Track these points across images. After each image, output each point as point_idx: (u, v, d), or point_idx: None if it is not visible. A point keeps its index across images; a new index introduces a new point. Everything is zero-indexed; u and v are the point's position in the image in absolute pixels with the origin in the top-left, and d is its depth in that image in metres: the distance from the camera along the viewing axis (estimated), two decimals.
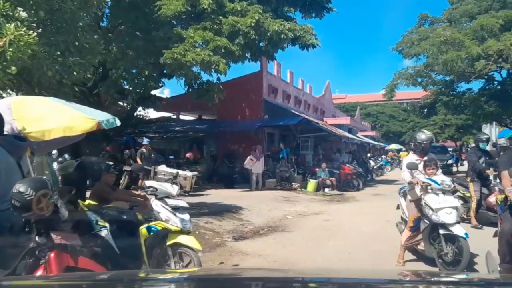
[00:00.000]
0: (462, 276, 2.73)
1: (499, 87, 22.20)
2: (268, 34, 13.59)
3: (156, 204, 4.76)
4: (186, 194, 13.35)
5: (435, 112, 30.11)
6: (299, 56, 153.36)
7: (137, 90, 16.09)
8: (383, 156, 35.84)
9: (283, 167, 16.79)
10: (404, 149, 47.77)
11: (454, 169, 27.46)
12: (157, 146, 21.86)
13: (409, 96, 51.88)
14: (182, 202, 4.93)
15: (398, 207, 6.86)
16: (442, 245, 5.29)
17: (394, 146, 50.48)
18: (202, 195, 13.63)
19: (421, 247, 5.88)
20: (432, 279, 2.04)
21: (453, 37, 15.99)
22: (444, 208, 5.30)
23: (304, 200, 13.39)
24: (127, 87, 16.36)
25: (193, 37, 13.43)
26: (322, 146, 30.76)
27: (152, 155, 15.18)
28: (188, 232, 4.75)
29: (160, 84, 18.87)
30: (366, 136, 44.18)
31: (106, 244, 4.86)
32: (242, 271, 3.09)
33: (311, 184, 16.08)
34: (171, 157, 16.90)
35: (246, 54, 17.91)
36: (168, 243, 4.61)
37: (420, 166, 5.77)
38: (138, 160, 14.32)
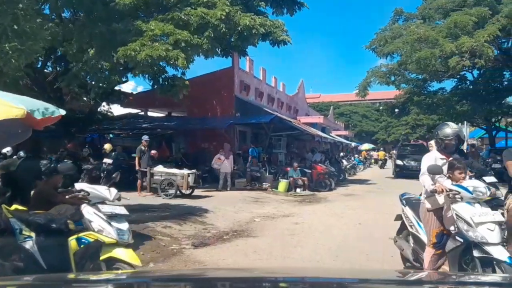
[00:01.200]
0: (460, 277, 2.56)
1: (471, 87, 22.23)
2: (239, 28, 12.93)
3: (87, 212, 4.02)
4: (186, 194, 12.70)
5: (407, 112, 30.13)
6: (272, 54, 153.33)
7: (100, 84, 15.21)
8: (356, 156, 35.69)
9: (254, 166, 16.18)
10: (376, 148, 48.07)
11: None
12: (123, 144, 20.99)
13: (383, 96, 52.30)
14: (120, 209, 4.20)
15: (398, 218, 5.58)
16: (478, 271, 3.94)
17: (366, 145, 50.84)
18: (202, 197, 12.82)
19: (445, 266, 4.48)
20: (425, 279, 1.97)
21: (427, 34, 15.71)
22: (485, 223, 4.04)
23: (274, 201, 12.81)
24: (89, 81, 15.44)
25: (153, 30, 12.66)
26: (295, 145, 30.39)
27: (113, 153, 14.30)
28: (126, 245, 4.04)
29: (124, 79, 18.00)
30: (340, 136, 44.27)
31: (31, 257, 4.10)
32: (228, 271, 2.91)
33: (282, 184, 15.52)
34: (134, 155, 15.96)
35: (217, 49, 17.34)
36: (101, 258, 3.89)
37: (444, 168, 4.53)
38: (137, 159, 13.45)
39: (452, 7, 16.91)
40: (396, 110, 28.38)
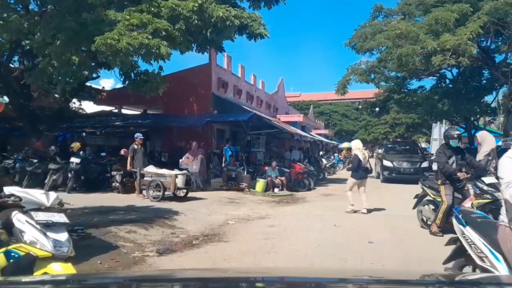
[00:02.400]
0: (457, 277, 2.56)
1: (451, 85, 22.15)
2: (212, 20, 12.32)
3: (18, 220, 3.40)
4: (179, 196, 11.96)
5: (387, 110, 30.03)
6: (253, 53, 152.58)
7: (68, 79, 14.42)
8: (336, 154, 35.46)
9: (231, 165, 15.61)
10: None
11: None
12: (94, 142, 20.19)
13: (362, 96, 52.37)
14: (59, 217, 3.57)
15: (451, 243, 4.15)
16: None
17: (346, 144, 50.61)
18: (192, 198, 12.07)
19: None
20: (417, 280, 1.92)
21: (408, 30, 15.40)
22: None
23: (251, 202, 12.28)
24: (56, 75, 14.61)
25: (129, 19, 11.95)
26: (275, 144, 29.94)
27: (81, 152, 13.52)
28: (66, 258, 3.43)
29: (95, 75, 17.18)
30: (320, 134, 44.15)
31: None
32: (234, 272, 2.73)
33: (260, 184, 15.01)
34: (103, 154, 15.24)
35: (193, 45, 16.70)
36: (35, 274, 3.29)
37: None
38: (129, 158, 12.67)
39: (433, 2, 16.64)
40: (376, 108, 28.23)
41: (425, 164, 18.47)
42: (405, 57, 15.34)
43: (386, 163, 18.89)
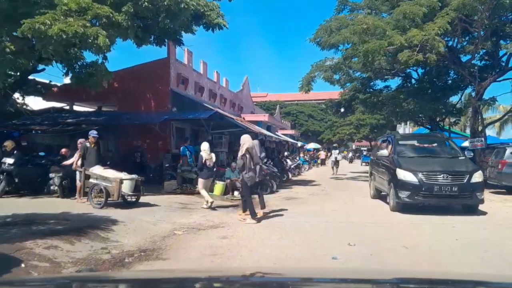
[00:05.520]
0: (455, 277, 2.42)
1: (416, 85, 21.77)
2: (165, 3, 11.10)
3: None
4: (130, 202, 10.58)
5: (353, 110, 29.58)
6: (219, 52, 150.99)
7: (6, 70, 12.90)
8: (301, 155, 34.78)
9: (185, 166, 14.41)
10: (321, 148, 47.79)
11: None
12: (42, 141, 18.56)
13: (329, 97, 52.17)
14: None
15: None
16: None
17: (313, 145, 50.52)
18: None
19: None
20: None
21: (375, 25, 14.69)
22: None
23: (205, 208, 11.19)
24: None
25: (66, 3, 10.58)
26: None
27: (15, 152, 12.01)
28: None
29: (40, 67, 15.63)
30: (286, 135, 43.57)
31: None
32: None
33: (218, 186, 13.87)
34: (42, 153, 13.73)
35: (150, 37, 15.42)
36: None
37: None
38: (78, 156, 11.15)
39: None
40: (342, 109, 27.68)
41: (476, 177, 10.25)
42: (372, 53, 14.61)
43: (405, 175, 10.26)
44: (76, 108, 23.28)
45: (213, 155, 11.48)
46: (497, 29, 17.11)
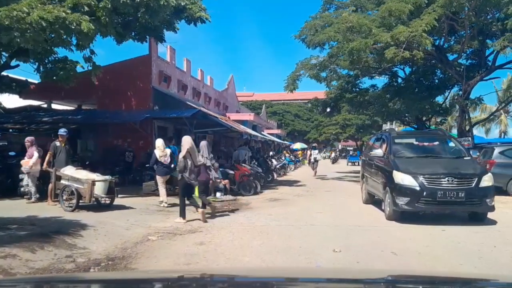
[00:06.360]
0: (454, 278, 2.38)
1: (403, 84, 21.53)
2: None
3: None
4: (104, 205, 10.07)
5: (339, 110, 29.31)
6: (205, 51, 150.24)
7: None
8: (287, 154, 34.36)
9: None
10: (307, 147, 47.52)
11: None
12: (19, 140, 17.79)
13: (315, 96, 52.01)
14: None
15: None
16: None
17: (299, 145, 50.25)
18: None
19: None
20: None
21: (360, 23, 14.32)
22: None
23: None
24: None
25: None
26: (224, 143, 28.42)
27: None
28: None
29: (14, 63, 14.87)
30: (272, 134, 43.20)
31: None
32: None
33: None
34: (12, 153, 13.03)
35: (131, 33, 14.84)
36: None
37: None
38: (48, 156, 10.49)
39: None
40: (328, 108, 27.36)
41: (486, 180, 8.92)
42: (357, 52, 14.24)
43: (404, 179, 8.99)
44: (55, 106, 22.49)
45: (168, 151, 11.24)
46: (484, 28, 16.94)
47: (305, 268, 4.56)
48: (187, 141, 9.11)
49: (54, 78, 11.79)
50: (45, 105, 22.08)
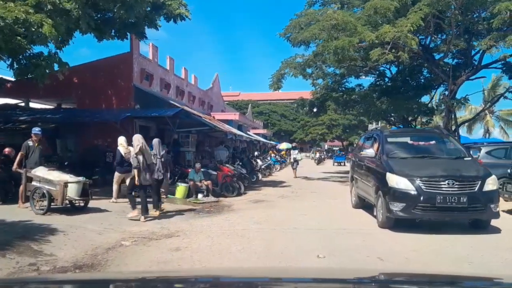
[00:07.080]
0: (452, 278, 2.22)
1: (389, 83, 21.39)
2: None
3: None
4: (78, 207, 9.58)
5: (325, 109, 29.12)
6: (190, 50, 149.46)
7: None
8: (273, 155, 34.01)
9: None
10: (292, 147, 47.38)
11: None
12: None
13: (302, 96, 51.93)
14: None
15: None
16: None
17: (285, 145, 50.05)
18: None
19: None
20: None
21: (345, 21, 14.05)
22: None
23: (162, 212, 10.27)
24: None
25: None
26: (208, 143, 27.97)
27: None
28: None
29: None
30: (258, 134, 42.92)
31: None
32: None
33: (181, 189, 12.95)
34: None
35: (112, 31, 14.36)
36: None
37: None
38: (19, 155, 9.92)
39: None
40: (315, 108, 27.15)
41: (490, 183, 8.10)
42: (342, 51, 13.96)
43: (399, 182, 8.14)
44: (33, 105, 21.79)
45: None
46: (470, 27, 16.84)
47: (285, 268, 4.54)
48: (137, 139, 9.27)
49: (29, 75, 11.23)
50: (23, 104, 21.40)
